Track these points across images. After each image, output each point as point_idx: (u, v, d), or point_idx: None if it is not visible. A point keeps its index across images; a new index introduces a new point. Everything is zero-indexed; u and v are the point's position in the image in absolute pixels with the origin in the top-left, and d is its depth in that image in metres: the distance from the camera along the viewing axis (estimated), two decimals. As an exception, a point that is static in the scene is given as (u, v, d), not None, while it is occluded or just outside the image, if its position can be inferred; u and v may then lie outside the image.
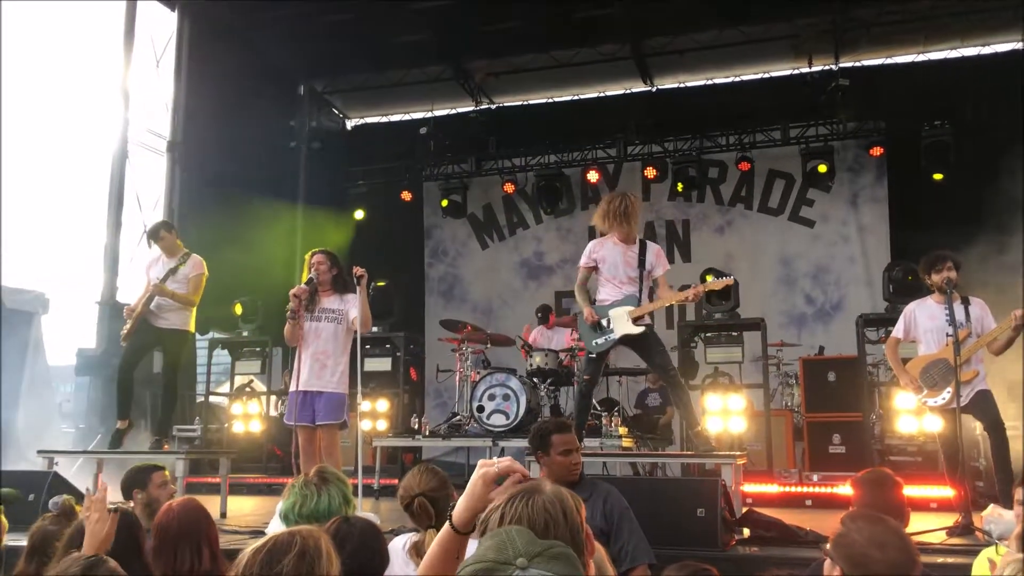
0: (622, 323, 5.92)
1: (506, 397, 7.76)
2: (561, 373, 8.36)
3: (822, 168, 11.36)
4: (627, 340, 5.94)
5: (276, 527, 5.29)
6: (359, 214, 13.15)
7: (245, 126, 11.71)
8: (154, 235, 6.86)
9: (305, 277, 5.83)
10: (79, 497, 5.17)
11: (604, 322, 5.98)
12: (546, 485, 1.75)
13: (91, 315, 10.36)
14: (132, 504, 4.12)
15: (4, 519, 3.00)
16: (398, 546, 2.99)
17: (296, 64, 13.23)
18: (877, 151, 11.62)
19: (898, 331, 5.85)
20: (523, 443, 7.42)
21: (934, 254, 5.61)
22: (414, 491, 3.04)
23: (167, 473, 4.44)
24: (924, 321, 5.67)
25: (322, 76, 13.64)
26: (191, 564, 2.79)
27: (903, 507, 3.11)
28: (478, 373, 8.29)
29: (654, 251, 6.17)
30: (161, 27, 11.38)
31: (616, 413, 7.92)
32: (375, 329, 9.89)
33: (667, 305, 6.15)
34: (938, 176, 10.97)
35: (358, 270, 5.69)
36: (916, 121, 11.23)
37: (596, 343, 6.03)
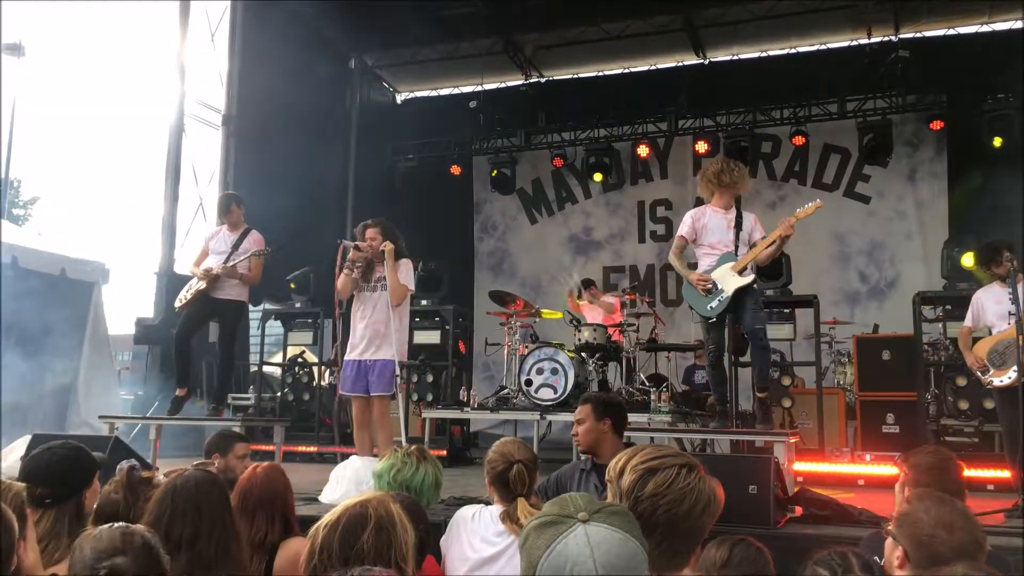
0: (729, 280, 5.86)
1: (554, 371, 7.76)
2: (609, 348, 8.34)
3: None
4: (737, 295, 5.85)
5: (329, 493, 5.40)
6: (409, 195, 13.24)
7: (297, 100, 11.80)
8: (225, 208, 6.98)
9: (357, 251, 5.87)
10: (140, 461, 5.32)
11: (711, 286, 5.92)
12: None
13: (149, 285, 10.62)
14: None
15: (97, 483, 3.08)
16: (467, 515, 3.02)
17: (347, 38, 13.29)
18: (937, 125, 11.32)
19: (967, 320, 5.78)
20: (571, 417, 7.43)
21: (987, 248, 5.50)
22: (513, 457, 3.06)
23: (248, 445, 4.51)
24: (991, 306, 5.56)
25: (373, 50, 13.67)
26: (265, 531, 2.86)
27: (963, 490, 3.05)
28: (526, 347, 8.30)
29: (751, 219, 6.17)
30: (215, 1, 11.52)
31: (664, 389, 7.88)
32: (424, 303, 9.98)
33: (764, 249, 6.00)
34: (997, 142, 10.63)
35: (386, 245, 5.72)
36: (979, 94, 10.90)
37: (711, 307, 5.92)
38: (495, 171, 13.04)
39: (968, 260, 8.07)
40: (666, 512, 1.68)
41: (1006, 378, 5.37)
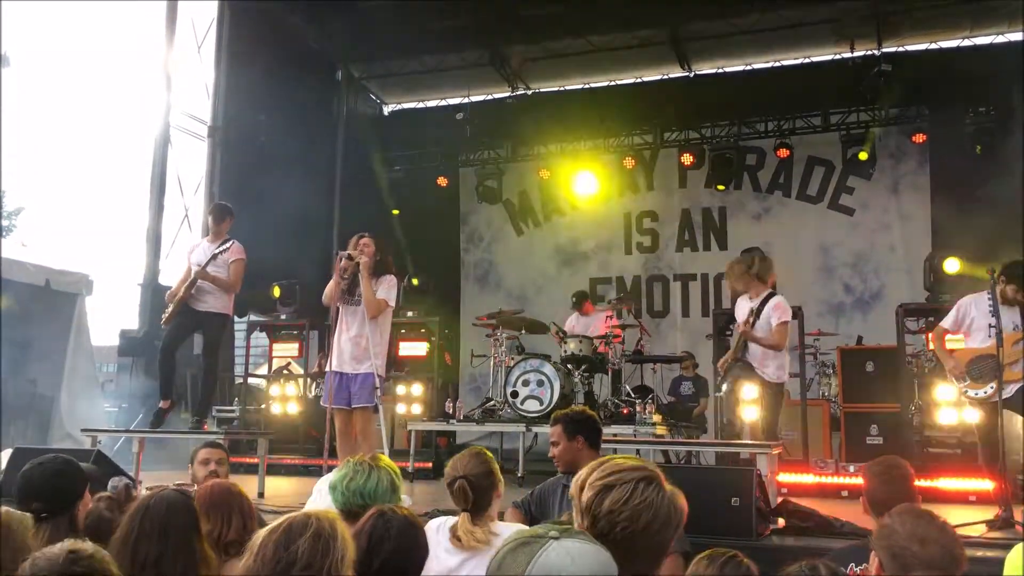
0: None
1: (540, 383, 7.77)
2: (595, 359, 8.35)
3: (863, 155, 11.20)
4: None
5: (313, 504, 5.38)
6: (395, 210, 13.20)
7: (284, 111, 11.80)
8: (220, 216, 6.91)
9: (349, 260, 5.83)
10: (121, 473, 5.28)
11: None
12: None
13: (134, 297, 10.57)
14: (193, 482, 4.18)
15: (89, 495, 3.08)
16: (433, 528, 3.03)
17: (334, 50, 13.31)
18: (920, 138, 11.42)
19: (947, 322, 5.75)
20: (557, 429, 7.43)
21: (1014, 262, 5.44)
22: (458, 472, 3.06)
23: (218, 452, 4.43)
24: (979, 317, 5.55)
25: (360, 62, 13.69)
26: (220, 531, 2.86)
27: (914, 498, 3.08)
28: (512, 359, 8.30)
29: (771, 304, 6.37)
30: (202, 13, 11.53)
31: (650, 400, 7.90)
32: (410, 314, 9.99)
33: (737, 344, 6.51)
34: (979, 148, 10.74)
35: (361, 258, 5.70)
36: (960, 108, 11.01)
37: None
38: (480, 186, 13.04)
39: (951, 266, 8.14)
40: (623, 529, 1.68)
41: (982, 392, 5.39)
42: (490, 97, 13.79)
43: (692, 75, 13.08)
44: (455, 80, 13.43)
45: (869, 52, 11.70)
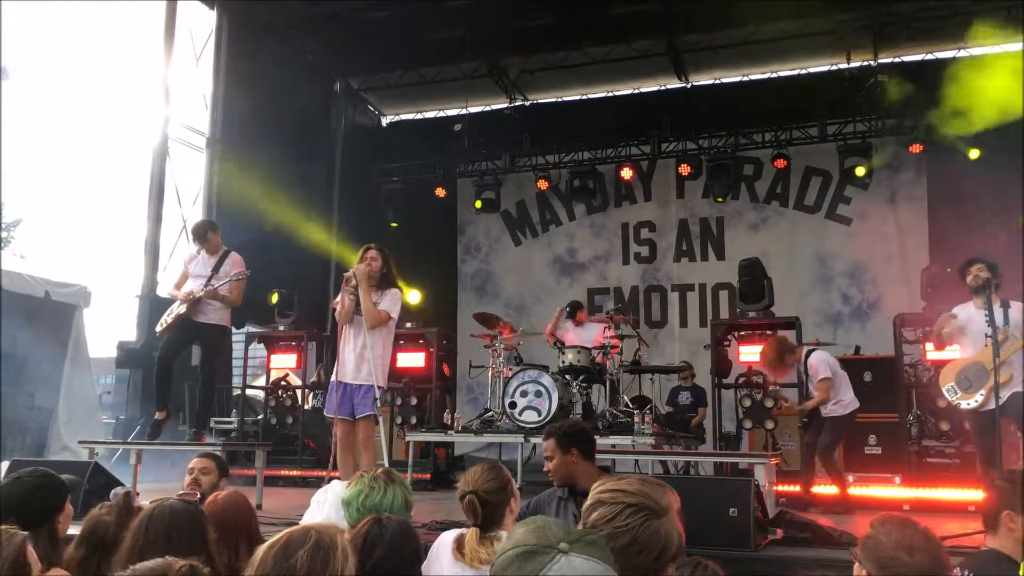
0: None
1: (538, 394, 7.75)
2: (593, 370, 8.34)
3: (859, 172, 11.22)
4: None
5: (311, 516, 5.36)
6: (393, 223, 13.20)
7: (282, 122, 11.82)
8: (201, 236, 6.89)
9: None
10: (119, 485, 5.26)
11: None
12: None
13: (131, 308, 10.57)
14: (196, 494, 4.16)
15: (70, 506, 3.07)
16: (447, 540, 3.01)
17: (332, 61, 13.35)
18: (917, 148, 11.44)
19: (954, 310, 5.79)
20: (555, 440, 7.42)
21: (966, 259, 5.61)
22: (468, 487, 3.04)
23: (203, 462, 4.38)
24: (966, 325, 5.60)
25: (358, 73, 13.74)
26: (228, 560, 2.84)
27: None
28: (510, 369, 8.28)
29: (809, 364, 7.23)
30: (200, 24, 11.58)
31: (648, 411, 7.89)
32: (408, 325, 9.98)
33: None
34: (973, 155, 10.76)
35: (358, 270, 5.71)
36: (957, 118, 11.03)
37: None
38: (479, 201, 13.05)
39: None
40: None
41: (972, 401, 5.42)
42: (488, 108, 13.83)
43: (689, 86, 13.14)
44: (453, 91, 13.48)
45: (866, 63, 11.74)
